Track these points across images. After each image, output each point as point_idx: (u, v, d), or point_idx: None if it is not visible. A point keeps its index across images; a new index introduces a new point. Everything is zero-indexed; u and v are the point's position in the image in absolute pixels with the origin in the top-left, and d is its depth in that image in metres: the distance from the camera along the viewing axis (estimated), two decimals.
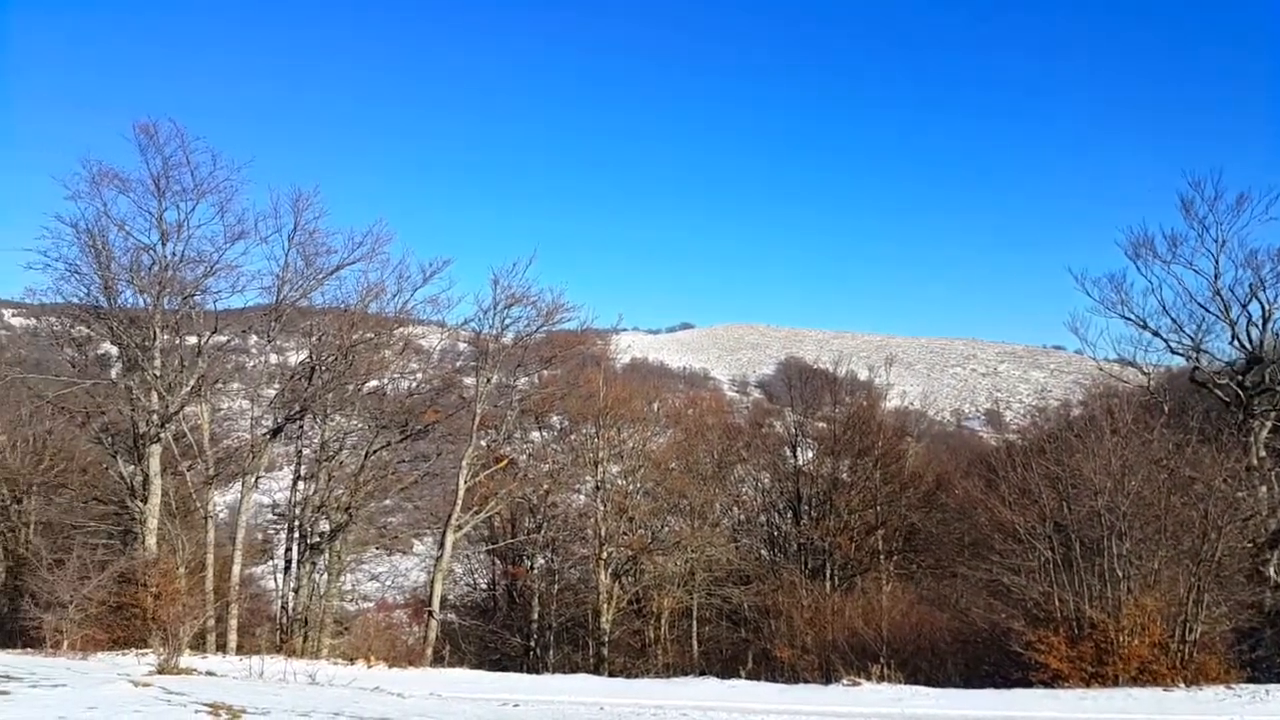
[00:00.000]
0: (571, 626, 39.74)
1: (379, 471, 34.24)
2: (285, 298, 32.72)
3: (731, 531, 43.20)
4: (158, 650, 19.67)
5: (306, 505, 34.07)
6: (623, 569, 37.95)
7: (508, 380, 35.66)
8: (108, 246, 29.84)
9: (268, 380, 35.82)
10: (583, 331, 36.43)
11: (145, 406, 29.84)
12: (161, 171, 29.69)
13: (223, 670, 18.11)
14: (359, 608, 43.44)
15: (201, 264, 31.11)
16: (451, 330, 38.34)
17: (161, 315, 30.23)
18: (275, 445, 35.27)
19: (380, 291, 33.74)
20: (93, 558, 25.12)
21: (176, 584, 28.08)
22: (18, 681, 11.61)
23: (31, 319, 40.88)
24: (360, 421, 35.08)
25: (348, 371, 33.15)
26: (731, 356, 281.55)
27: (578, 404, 39.21)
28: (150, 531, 29.46)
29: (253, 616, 35.72)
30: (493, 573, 44.65)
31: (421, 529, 44.51)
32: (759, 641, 34.78)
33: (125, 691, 11.43)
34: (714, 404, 62.96)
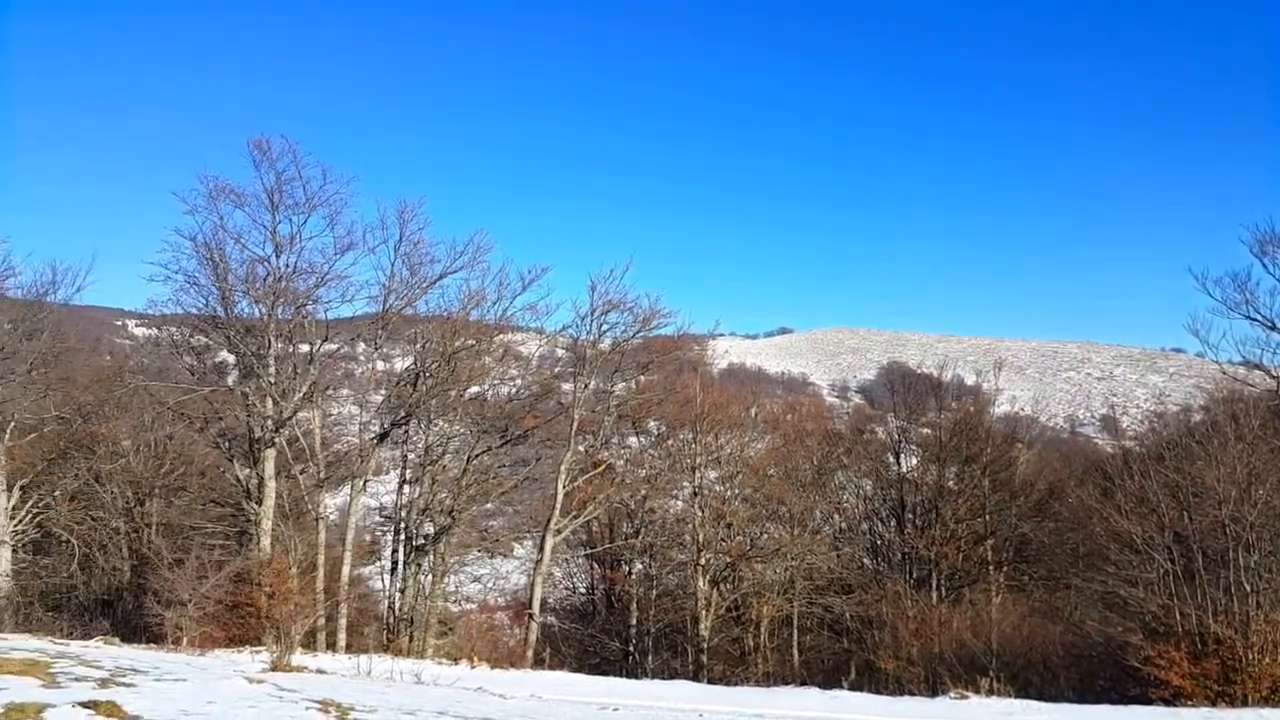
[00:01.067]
0: (670, 632, 39.67)
1: (480, 476, 34.88)
2: (391, 306, 33.69)
3: (832, 539, 42.44)
4: (271, 648, 20.38)
5: (412, 508, 34.96)
6: (721, 576, 37.73)
7: (605, 386, 35.88)
8: (225, 259, 31.24)
9: (375, 386, 36.94)
10: (679, 337, 36.46)
11: (260, 412, 31.09)
12: (275, 186, 30.94)
13: (332, 668, 18.67)
14: (462, 609, 44.26)
15: (313, 275, 32.32)
16: (550, 337, 38.84)
17: (275, 324, 31.48)
18: (382, 450, 36.31)
19: (481, 299, 34.46)
20: (210, 557, 26.17)
21: (289, 583, 29.12)
22: (143, 675, 12.21)
23: (153, 329, 42.90)
24: (462, 427, 35.81)
25: (450, 378, 33.90)
26: (831, 361, 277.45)
27: (674, 409, 39.18)
28: (265, 533, 30.67)
29: (361, 616, 36.81)
30: (591, 577, 44.95)
31: (522, 533, 45.10)
32: (862, 652, 34.14)
33: (241, 688, 11.89)
34: (813, 409, 62.10)
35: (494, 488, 36.14)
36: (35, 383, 32.07)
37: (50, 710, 8.63)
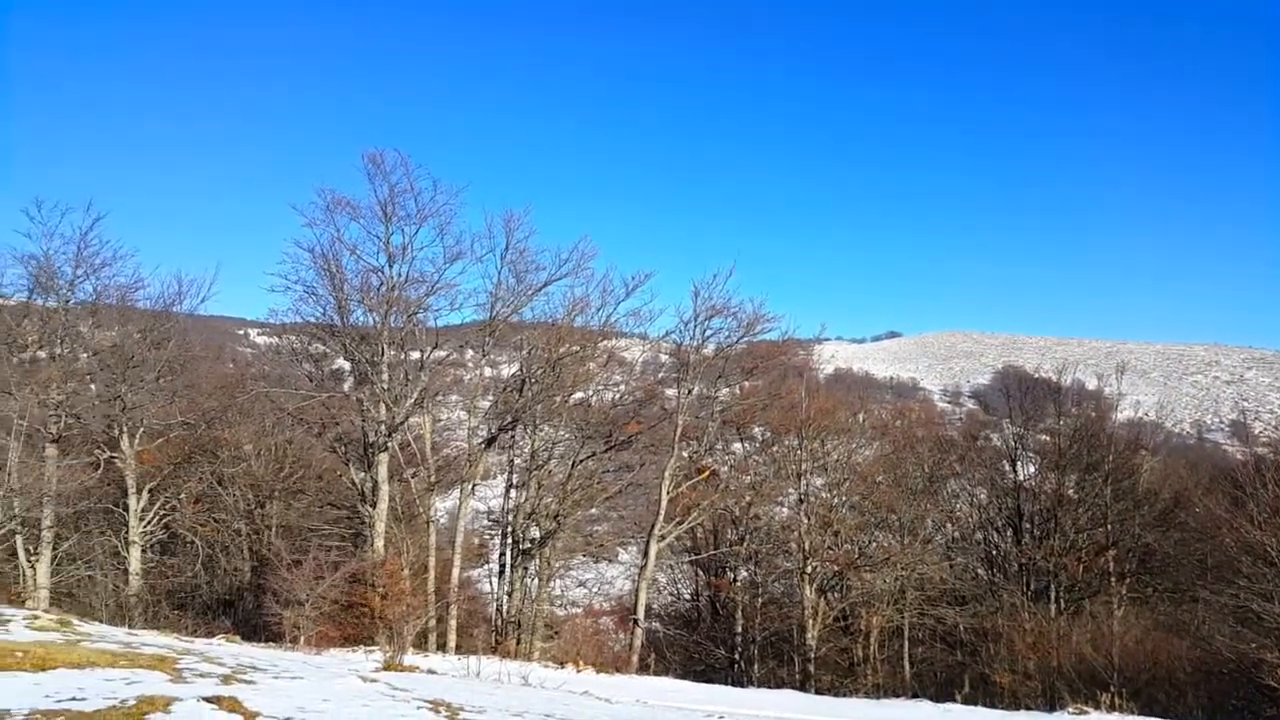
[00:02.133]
0: (776, 641, 39.02)
1: (585, 481, 35.02)
2: (498, 314, 34.23)
3: (945, 549, 41.09)
4: (384, 648, 20.76)
5: (518, 512, 35.35)
6: (828, 584, 36.92)
7: (709, 391, 35.59)
8: (341, 269, 32.32)
9: (482, 392, 37.52)
10: (784, 342, 35.90)
11: (374, 417, 31.92)
12: (388, 198, 31.88)
13: (442, 669, 18.88)
14: (567, 613, 44.56)
15: (424, 283, 33.14)
16: (653, 342, 38.77)
17: (389, 332, 32.34)
18: (490, 454, 36.88)
19: (585, 305, 34.71)
20: (327, 558, 26.88)
21: (401, 585, 29.76)
22: (262, 673, 12.51)
23: (274, 337, 44.81)
24: (567, 432, 36.04)
25: (555, 384, 34.18)
26: (943, 365, 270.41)
27: (780, 415, 38.59)
28: (378, 535, 31.44)
29: (470, 618, 37.38)
30: (696, 583, 44.65)
31: (626, 538, 45.19)
32: (976, 665, 32.95)
33: (355, 686, 12.05)
34: (924, 415, 60.49)
35: (598, 493, 36.24)
36: (162, 390, 33.65)
37: (177, 704, 8.85)
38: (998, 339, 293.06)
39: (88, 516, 33.62)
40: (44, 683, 9.44)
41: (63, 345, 33.16)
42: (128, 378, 32.12)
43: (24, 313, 33.01)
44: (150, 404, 32.55)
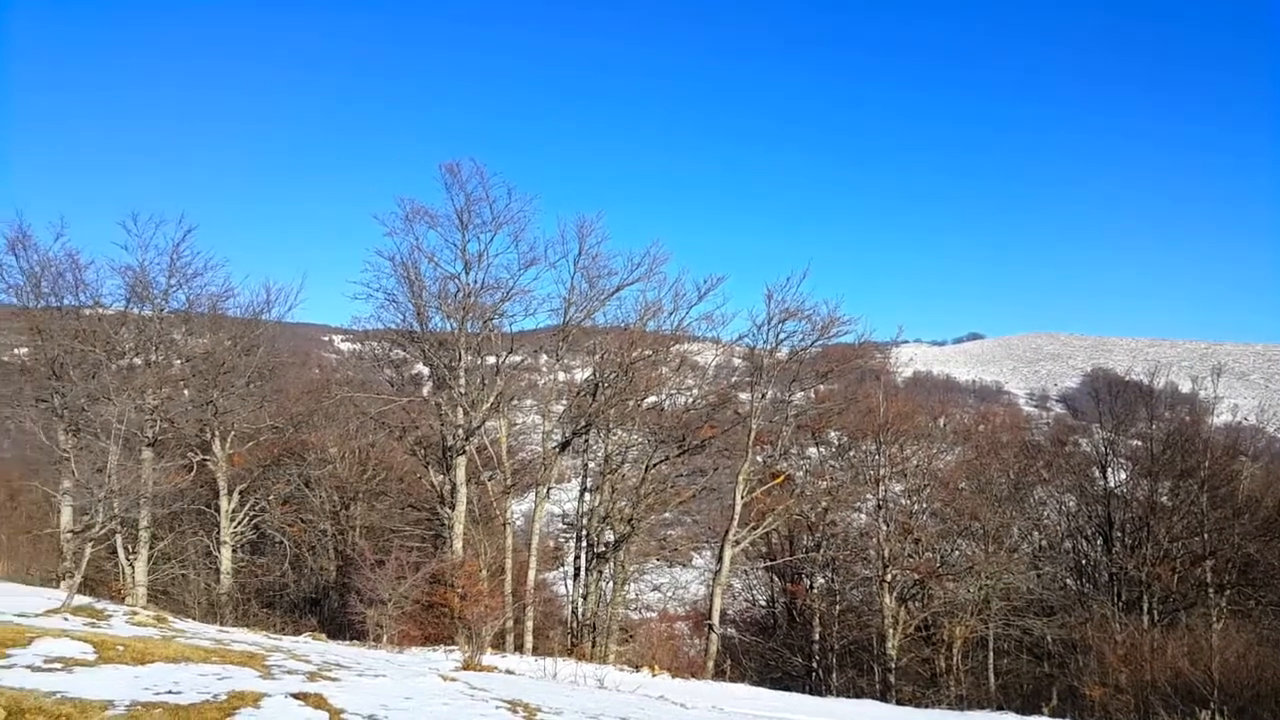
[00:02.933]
0: (855, 649, 38.42)
1: (659, 485, 35.09)
2: (571, 319, 34.55)
3: (1031, 558, 39.91)
4: (463, 647, 21.13)
5: (592, 516, 35.58)
6: (909, 593, 36.23)
7: (783, 395, 35.33)
8: (420, 276, 33.10)
9: (556, 397, 37.89)
10: (860, 345, 35.41)
11: (452, 421, 32.54)
12: (464, 206, 32.52)
13: (519, 669, 19.10)
14: (642, 616, 44.60)
15: (499, 290, 33.69)
16: (726, 346, 38.67)
17: (465, 338, 32.95)
18: (564, 458, 37.22)
19: (658, 310, 34.81)
20: (408, 559, 27.42)
21: (479, 586, 30.23)
22: (346, 670, 12.86)
23: (357, 343, 46.06)
24: (640, 436, 36.17)
25: (628, 388, 34.34)
26: (1028, 368, 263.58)
27: (856, 419, 38.05)
28: (457, 536, 32.03)
29: (546, 620, 37.74)
30: (771, 590, 44.28)
31: (700, 543, 45.03)
32: (1064, 677, 31.95)
33: (435, 685, 12.29)
34: (1008, 420, 59.07)
35: (672, 497, 36.27)
36: (252, 395, 34.80)
37: (266, 700, 9.16)
38: (1086, 340, 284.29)
39: (182, 517, 34.96)
40: (143, 676, 9.87)
41: (158, 352, 34.55)
42: (219, 383, 33.31)
43: (121, 321, 34.50)
44: (241, 408, 33.70)
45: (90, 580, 28.10)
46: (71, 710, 7.89)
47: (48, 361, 31.76)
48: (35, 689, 8.50)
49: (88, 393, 29.94)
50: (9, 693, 8.12)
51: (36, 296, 32.17)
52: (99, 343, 32.23)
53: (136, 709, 8.23)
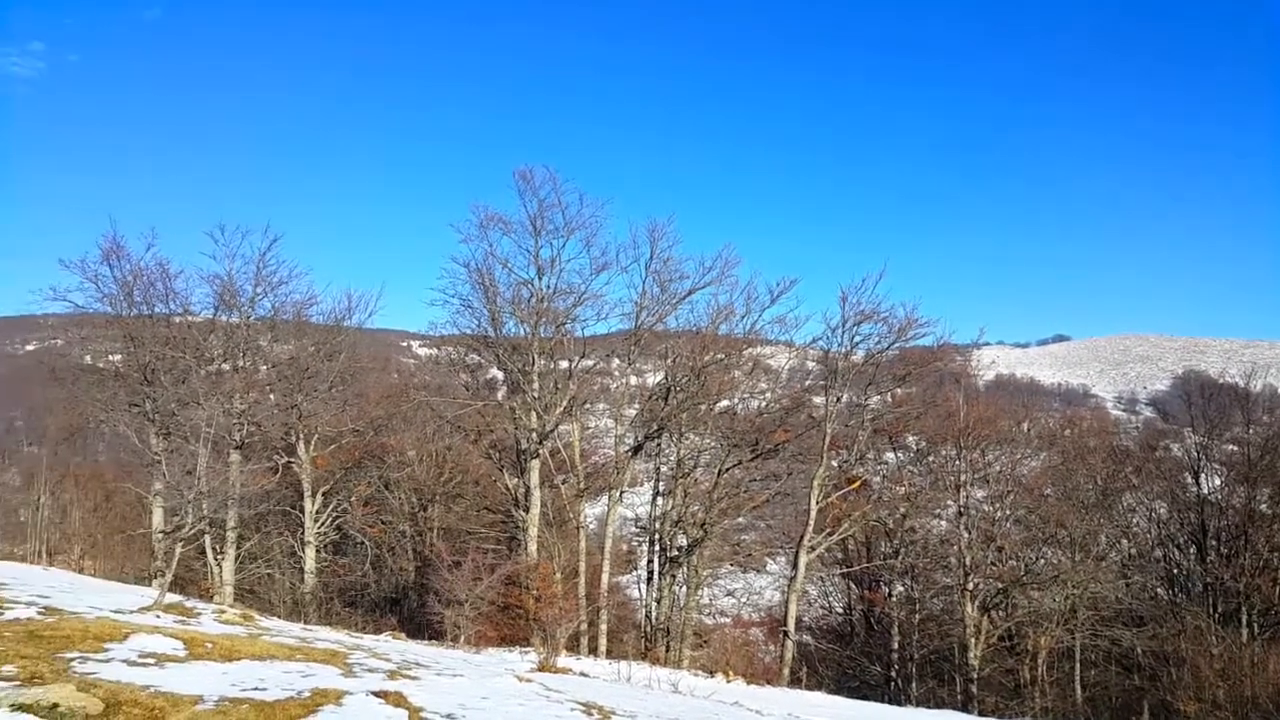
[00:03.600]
0: (935, 659, 37.59)
1: (731, 489, 34.86)
2: (643, 323, 34.60)
3: (1120, 567, 38.55)
4: (538, 649, 21.26)
5: (665, 520, 35.53)
6: (992, 602, 35.31)
7: (859, 399, 34.78)
8: (494, 282, 33.56)
9: (628, 400, 37.97)
10: (939, 347, 34.63)
11: (526, 425, 32.88)
12: (537, 212, 32.91)
13: (594, 672, 19.14)
14: (716, 622, 44.42)
15: (571, 294, 33.97)
16: (799, 349, 38.26)
17: (539, 342, 33.30)
18: (636, 462, 37.27)
19: (730, 313, 34.64)
20: (484, 560, 27.75)
21: (554, 588, 30.43)
22: (425, 669, 13.04)
23: (433, 349, 47.02)
24: (713, 440, 36.02)
25: (700, 392, 34.23)
26: (1116, 371, 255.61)
27: (935, 424, 37.23)
28: (531, 539, 32.33)
29: (620, 623, 37.83)
30: (848, 597, 43.63)
31: (774, 548, 44.62)
32: (1156, 691, 30.79)
33: (511, 685, 12.38)
34: (1096, 424, 57.29)
35: (745, 502, 36.01)
36: (334, 399, 35.65)
37: (348, 697, 9.33)
38: (1177, 341, 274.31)
39: (268, 518, 35.99)
40: (230, 672, 10.15)
41: (245, 358, 35.68)
42: (303, 388, 34.23)
43: (210, 328, 35.70)
44: (323, 412, 34.56)
45: (180, 579, 29.10)
46: (164, 704, 8.14)
47: (140, 368, 33.04)
48: (131, 683, 8.81)
49: (178, 397, 31.03)
50: (107, 685, 8.43)
51: (129, 305, 33.49)
52: (189, 349, 33.38)
53: (225, 704, 8.46)
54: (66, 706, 7.31)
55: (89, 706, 7.45)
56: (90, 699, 7.59)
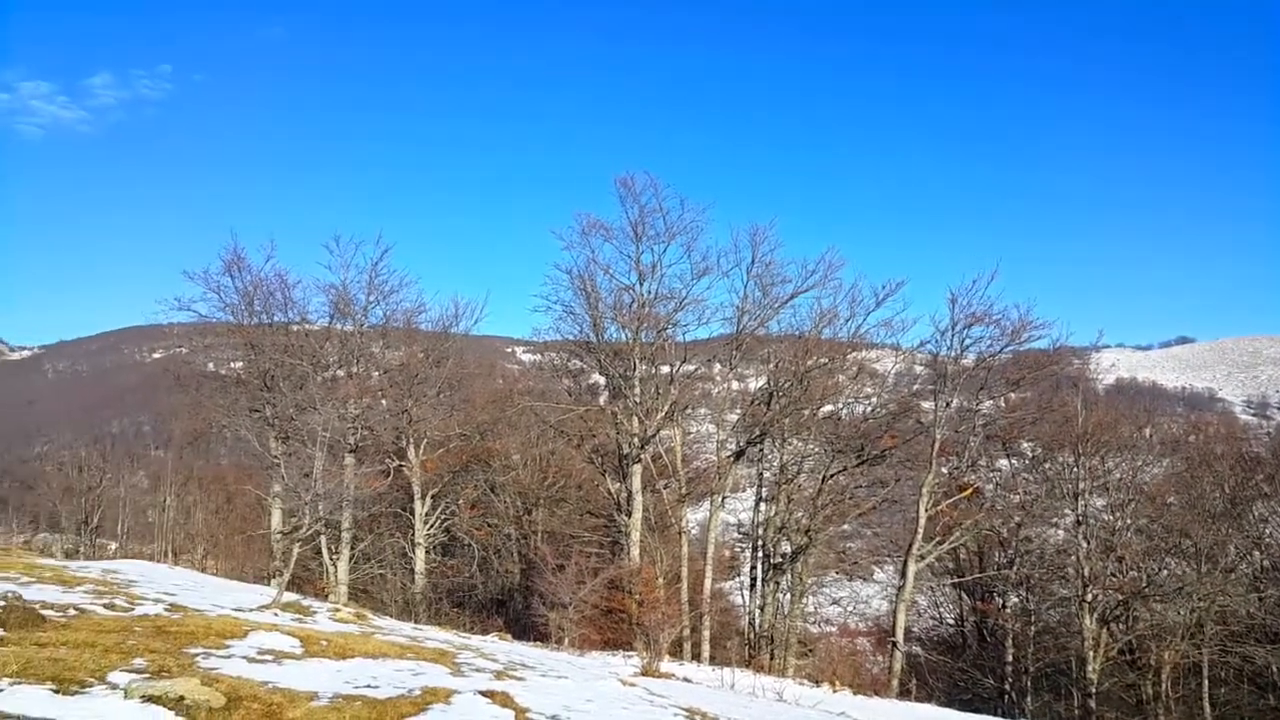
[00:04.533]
0: (1052, 673, 36.08)
1: (836, 496, 34.27)
2: (744, 327, 34.38)
3: (1251, 579, 36.26)
4: (641, 653, 21.27)
5: (768, 526, 35.16)
6: (1112, 614, 33.70)
7: (969, 404, 33.72)
8: (596, 289, 33.90)
9: (730, 406, 37.74)
10: (1055, 350, 33.29)
11: (628, 430, 33.03)
12: (638, 218, 33.09)
13: (697, 678, 19.04)
14: (822, 630, 43.69)
15: (672, 300, 34.02)
16: (907, 353, 37.36)
17: (640, 348, 33.42)
18: (739, 467, 36.99)
19: (833, 317, 34.09)
20: (587, 564, 28.00)
21: (656, 593, 30.44)
22: (531, 670, 13.17)
23: (537, 354, 47.81)
24: (817, 446, 35.47)
25: (803, 396, 33.79)
26: (1245, 374, 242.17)
27: (1051, 429, 35.77)
28: (634, 543, 32.42)
29: (723, 629, 37.57)
30: (960, 607, 42.34)
31: (881, 556, 43.70)
32: None
33: (615, 689, 12.38)
34: (1223, 429, 54.05)
35: (851, 509, 35.35)
36: (442, 404, 36.55)
37: (456, 696, 9.47)
38: None
39: (380, 520, 37.10)
40: (344, 670, 10.43)
41: (358, 364, 36.92)
42: (413, 393, 35.20)
43: (326, 336, 37.08)
44: (432, 417, 35.47)
45: (297, 578, 30.22)
46: (281, 700, 8.40)
47: (260, 374, 34.52)
48: (250, 678, 9.14)
49: (296, 403, 32.27)
50: (228, 680, 8.76)
51: (250, 314, 35.07)
52: (306, 356, 34.71)
53: (339, 701, 8.69)
54: (191, 700, 7.61)
55: (212, 700, 7.75)
56: (213, 693, 7.89)
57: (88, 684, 7.82)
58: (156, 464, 63.07)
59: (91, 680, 7.96)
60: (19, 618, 10.01)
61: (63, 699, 7.27)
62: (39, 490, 62.36)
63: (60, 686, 7.59)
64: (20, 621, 9.94)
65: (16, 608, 10.31)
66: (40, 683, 7.57)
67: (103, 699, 7.45)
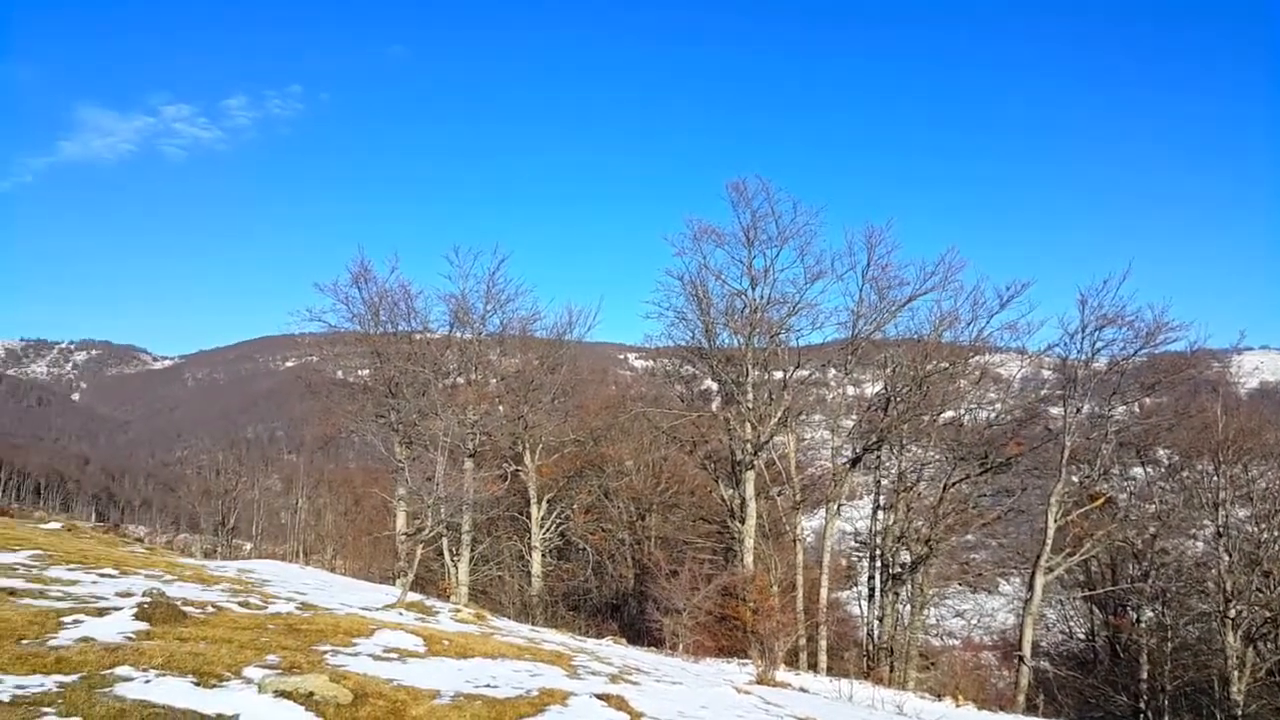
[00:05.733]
0: (1191, 692, 34.08)
1: (958, 505, 33.28)
2: (860, 331, 33.78)
3: None
4: (756, 662, 21.12)
5: (887, 535, 34.40)
6: (1259, 632, 31.61)
7: (1101, 410, 32.22)
8: (708, 294, 33.91)
9: (846, 411, 37.10)
10: (1192, 353, 31.53)
11: (740, 436, 32.88)
12: (750, 223, 32.96)
13: (814, 688, 18.80)
14: (944, 643, 42.41)
15: (785, 304, 33.70)
16: (1033, 357, 35.99)
17: (753, 353, 33.25)
18: (855, 474, 36.31)
19: (954, 320, 33.11)
20: (700, 570, 27.97)
21: (771, 601, 30.14)
22: (645, 675, 13.25)
23: (649, 361, 48.16)
24: (937, 453, 34.52)
25: (923, 402, 32.96)
26: None
27: (1189, 436, 33.89)
28: (747, 550, 32.22)
29: (840, 640, 36.92)
30: (1091, 622, 40.51)
31: (1007, 568, 42.19)
32: None
33: (729, 696, 12.33)
34: None
35: (974, 518, 34.26)
36: (557, 410, 37.15)
37: (573, 698, 9.62)
38: None
39: (498, 523, 37.95)
40: (464, 669, 10.73)
41: (476, 371, 37.89)
42: (529, 399, 35.93)
43: (446, 344, 38.21)
44: (547, 423, 36.11)
45: (420, 579, 31.14)
46: (405, 697, 8.71)
47: (385, 381, 35.82)
48: (376, 675, 9.50)
49: (419, 409, 33.37)
50: (355, 677, 9.13)
51: (375, 324, 36.42)
52: (428, 363, 35.84)
53: (460, 699, 8.94)
54: (321, 696, 7.97)
55: (339, 696, 8.09)
56: (341, 690, 8.23)
57: (225, 678, 8.29)
58: (289, 467, 66.13)
59: (228, 674, 8.43)
60: (163, 613, 10.67)
61: (202, 691, 7.72)
62: (179, 493, 66.34)
63: (200, 679, 8.06)
64: (164, 617, 10.60)
65: (161, 604, 10.99)
66: (182, 675, 8.07)
67: (238, 693, 7.88)
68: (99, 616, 10.19)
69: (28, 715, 6.43)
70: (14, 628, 9.07)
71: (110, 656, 8.34)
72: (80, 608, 10.73)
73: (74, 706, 6.74)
